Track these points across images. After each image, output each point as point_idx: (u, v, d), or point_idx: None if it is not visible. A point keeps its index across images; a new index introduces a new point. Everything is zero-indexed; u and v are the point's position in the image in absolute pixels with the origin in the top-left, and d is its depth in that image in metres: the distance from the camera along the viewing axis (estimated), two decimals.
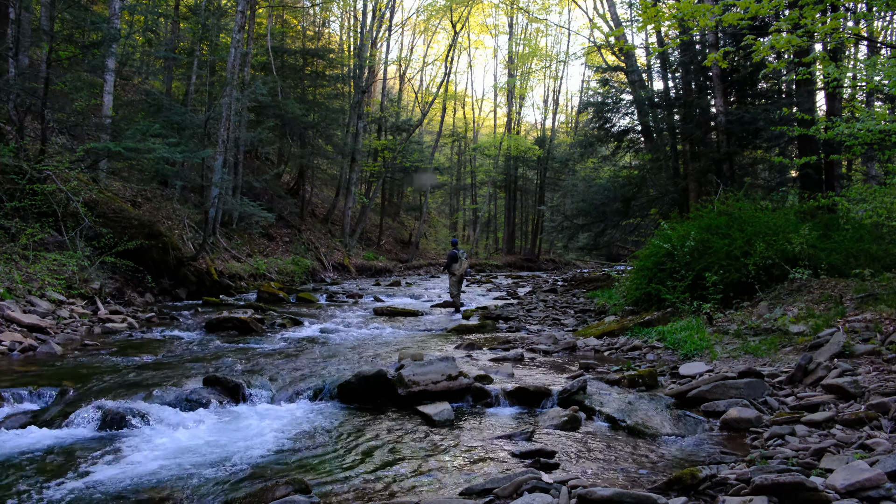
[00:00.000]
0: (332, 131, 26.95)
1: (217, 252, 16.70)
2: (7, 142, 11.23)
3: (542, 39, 43.01)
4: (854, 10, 11.73)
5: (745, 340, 7.13)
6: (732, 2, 7.87)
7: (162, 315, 10.48)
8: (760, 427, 4.55)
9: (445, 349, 8.21)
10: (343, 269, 23.56)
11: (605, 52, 25.46)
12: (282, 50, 25.02)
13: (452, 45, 32.85)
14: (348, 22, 34.63)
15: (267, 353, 7.48)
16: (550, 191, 38.74)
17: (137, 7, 18.70)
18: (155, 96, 16.50)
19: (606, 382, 6.11)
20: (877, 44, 13.52)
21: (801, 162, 11.35)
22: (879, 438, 3.86)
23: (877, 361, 5.44)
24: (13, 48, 11.46)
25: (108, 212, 11.90)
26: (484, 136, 46.41)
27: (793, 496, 3.06)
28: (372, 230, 32.20)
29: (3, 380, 5.68)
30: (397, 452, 4.28)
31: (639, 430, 4.74)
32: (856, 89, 13.21)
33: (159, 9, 20.09)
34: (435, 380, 5.54)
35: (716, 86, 15.27)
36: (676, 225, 10.83)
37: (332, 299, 14.88)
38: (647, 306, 10.05)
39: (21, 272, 9.41)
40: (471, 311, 12.46)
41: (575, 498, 3.29)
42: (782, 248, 8.90)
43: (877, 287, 7.50)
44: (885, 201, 8.15)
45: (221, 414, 5.15)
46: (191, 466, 3.98)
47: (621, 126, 20.81)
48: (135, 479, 3.77)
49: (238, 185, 19.69)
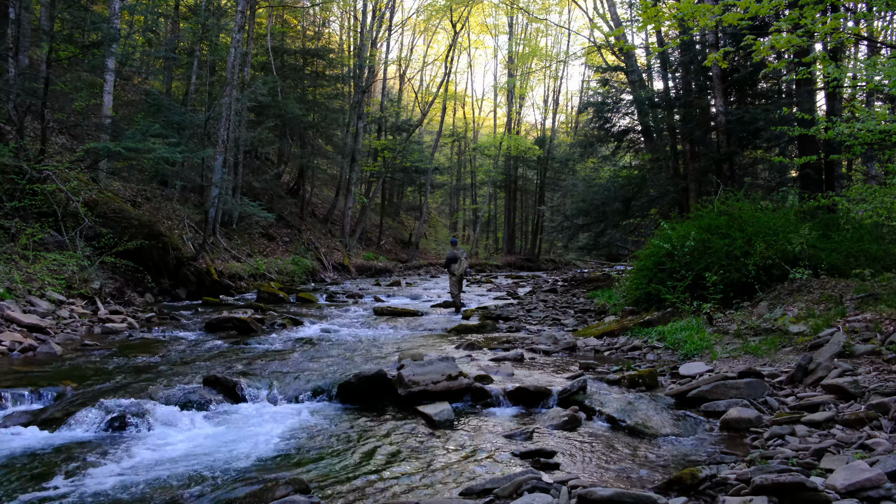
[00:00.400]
0: (332, 131, 26.95)
1: (217, 252, 16.70)
2: (7, 142, 11.23)
3: (542, 39, 43.06)
4: (854, 10, 11.74)
5: (745, 340, 7.13)
6: (732, 2, 7.87)
7: (162, 315, 10.47)
8: (760, 427, 4.55)
9: (445, 349, 8.20)
10: (343, 270, 23.56)
11: (605, 52, 25.46)
12: (282, 50, 25.01)
13: (452, 45, 32.85)
14: (348, 22, 34.67)
15: (267, 353, 7.48)
16: (550, 191, 38.74)
17: (137, 7, 18.70)
18: (155, 96, 16.50)
19: (606, 382, 6.11)
20: (877, 44, 13.51)
21: (801, 162, 11.34)
22: (879, 438, 3.86)
23: (877, 361, 5.44)
24: (13, 48, 11.46)
25: (108, 212, 11.90)
26: (484, 136, 46.41)
27: (793, 496, 3.06)
28: (372, 230, 32.20)
29: (3, 380, 5.68)
30: (397, 452, 4.28)
31: (639, 430, 4.74)
32: (856, 89, 13.21)
33: (159, 9, 20.10)
34: (435, 380, 5.54)
35: (716, 86, 15.27)
36: (676, 225, 10.83)
37: (331, 299, 14.88)
38: (647, 306, 10.04)
39: (21, 272, 9.40)
40: (471, 311, 12.45)
41: (575, 498, 3.28)
42: (782, 248, 8.90)
43: (877, 287, 7.50)
44: (885, 201, 8.15)
45: (221, 414, 5.15)
46: (190, 466, 3.98)
47: (621, 126, 20.81)
48: (135, 478, 3.77)
49: (238, 185, 19.69)
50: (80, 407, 4.81)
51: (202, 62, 20.35)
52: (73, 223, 11.09)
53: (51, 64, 11.61)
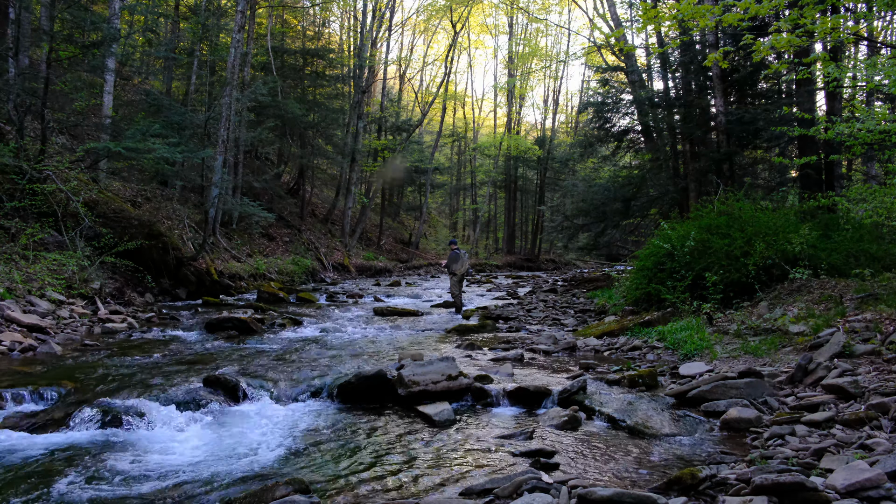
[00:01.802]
0: (332, 131, 26.94)
1: (217, 252, 16.70)
2: (7, 142, 11.23)
3: (542, 39, 43.05)
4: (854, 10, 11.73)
5: (745, 340, 7.13)
6: (732, 2, 7.87)
7: (162, 315, 10.47)
8: (760, 427, 4.55)
9: (445, 349, 8.20)
10: (343, 269, 23.56)
11: (605, 52, 25.45)
12: (282, 50, 25.01)
13: (452, 45, 32.85)
14: (348, 22, 34.67)
15: (267, 353, 7.48)
16: (550, 191, 38.74)
17: (137, 7, 18.71)
18: (155, 96, 16.50)
19: (606, 382, 6.12)
20: (877, 44, 13.51)
21: (801, 162, 11.34)
22: (879, 438, 3.86)
23: (877, 361, 5.44)
24: (13, 48, 11.46)
25: (108, 212, 11.90)
26: (484, 136, 46.39)
27: (793, 496, 3.06)
28: (372, 230, 32.20)
29: (3, 380, 5.68)
30: (397, 452, 4.28)
31: (639, 430, 4.74)
32: (856, 89, 13.21)
33: (159, 9, 20.11)
34: (435, 380, 5.54)
35: (716, 86, 15.27)
36: (676, 225, 10.83)
37: (331, 299, 14.87)
38: (647, 306, 10.05)
39: (21, 272, 9.40)
40: (471, 312, 12.46)
41: (575, 498, 3.29)
42: (782, 248, 8.90)
43: (877, 287, 7.50)
44: (885, 201, 8.14)
45: (221, 414, 5.15)
46: (190, 466, 3.98)
47: (621, 126, 20.82)
48: (134, 478, 3.77)
49: (238, 185, 19.69)
50: (80, 407, 4.81)
51: (202, 62, 20.35)
52: (73, 223, 11.09)
53: (51, 64, 11.61)
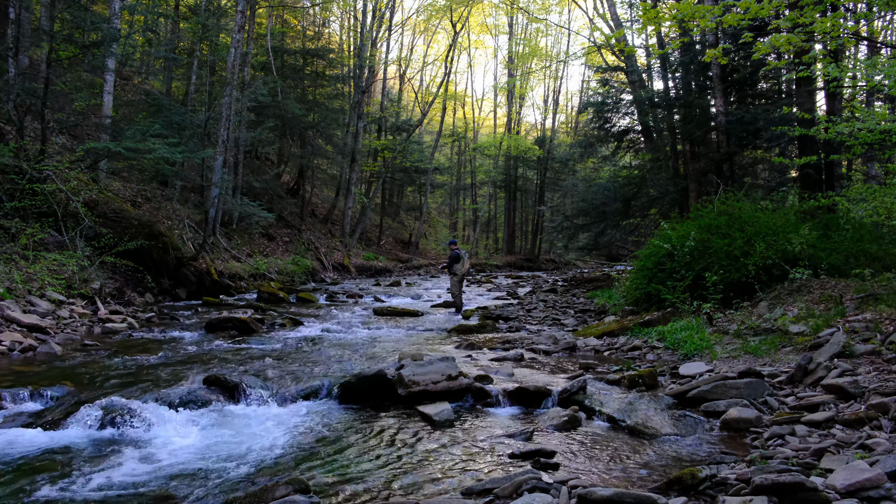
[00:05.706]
0: (332, 131, 26.95)
1: (217, 252, 16.70)
2: (7, 142, 11.23)
3: (542, 39, 43.07)
4: (854, 10, 11.74)
5: (745, 340, 7.13)
6: (732, 3, 7.87)
7: (162, 315, 10.47)
8: (760, 427, 4.55)
9: (445, 349, 8.20)
10: (343, 269, 23.56)
11: (605, 53, 25.47)
12: (282, 50, 25.01)
13: (452, 45, 32.85)
14: (348, 22, 34.67)
15: (267, 354, 7.48)
16: (550, 191, 38.73)
17: (137, 7, 18.70)
18: (155, 96, 16.51)
19: (606, 382, 6.11)
20: (877, 44, 13.51)
21: (801, 162, 11.34)
22: (879, 438, 3.86)
23: (877, 361, 5.43)
24: (13, 48, 11.46)
25: (108, 212, 11.90)
26: (484, 136, 46.40)
27: (793, 496, 3.06)
28: (372, 230, 32.20)
29: (3, 380, 5.68)
30: (397, 452, 4.28)
31: (639, 430, 4.74)
32: (856, 89, 13.20)
33: (159, 9, 20.10)
34: (435, 380, 5.54)
35: (716, 86, 15.28)
36: (676, 225, 10.83)
37: (332, 299, 14.87)
38: (647, 306, 10.04)
39: (21, 272, 9.40)
40: (471, 312, 12.45)
41: (575, 498, 3.28)
42: (782, 248, 8.90)
43: (877, 287, 7.50)
44: (885, 201, 8.15)
45: (221, 414, 5.15)
46: (190, 466, 3.98)
47: (621, 126, 20.82)
48: (134, 478, 3.77)
49: (238, 185, 19.69)
50: (80, 407, 4.81)
51: (202, 62, 20.35)
52: (73, 223, 11.09)
53: (51, 64, 11.61)
